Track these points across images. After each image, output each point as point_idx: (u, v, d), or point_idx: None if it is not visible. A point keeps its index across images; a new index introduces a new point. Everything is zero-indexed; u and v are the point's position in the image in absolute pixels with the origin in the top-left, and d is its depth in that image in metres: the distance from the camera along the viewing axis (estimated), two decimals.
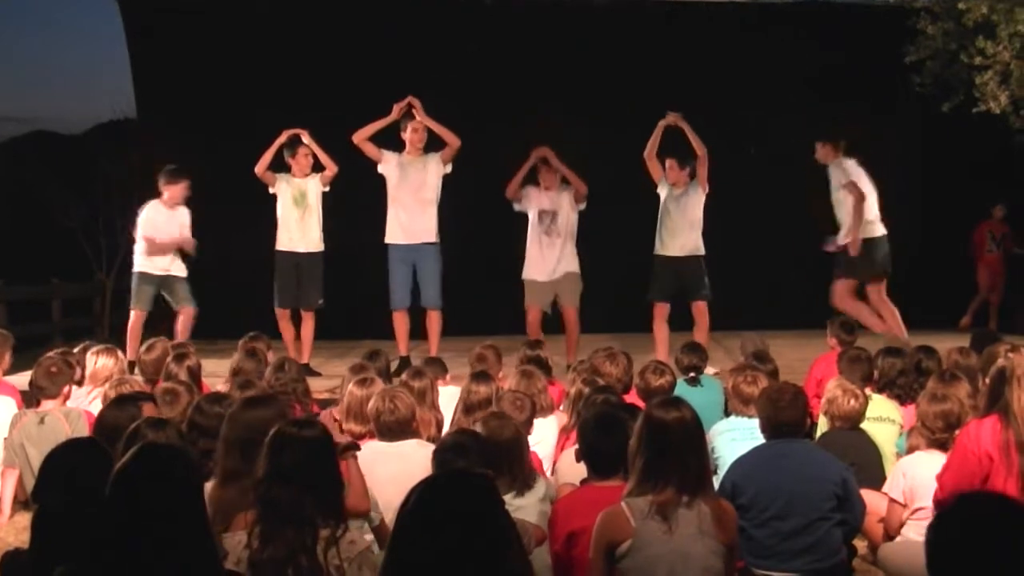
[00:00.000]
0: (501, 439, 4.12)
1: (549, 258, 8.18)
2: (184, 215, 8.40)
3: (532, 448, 4.64)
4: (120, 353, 6.35)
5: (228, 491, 3.47)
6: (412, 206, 8.03)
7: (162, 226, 8.31)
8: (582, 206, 8.21)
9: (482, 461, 3.78)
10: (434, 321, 8.14)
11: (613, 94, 10.92)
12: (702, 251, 8.12)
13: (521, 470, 4.13)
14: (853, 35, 11.00)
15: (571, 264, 8.24)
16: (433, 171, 8.06)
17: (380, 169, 8.11)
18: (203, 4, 11.24)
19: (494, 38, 11.09)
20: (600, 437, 3.76)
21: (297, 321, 8.36)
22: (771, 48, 11.05)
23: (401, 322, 8.15)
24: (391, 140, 8.17)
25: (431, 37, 11.11)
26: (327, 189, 8.30)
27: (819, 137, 8.10)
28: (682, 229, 8.05)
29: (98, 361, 6.18)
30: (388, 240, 8.12)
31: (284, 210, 8.22)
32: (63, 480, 3.20)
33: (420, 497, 2.26)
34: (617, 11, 11.35)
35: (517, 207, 8.28)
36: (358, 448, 4.17)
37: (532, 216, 8.23)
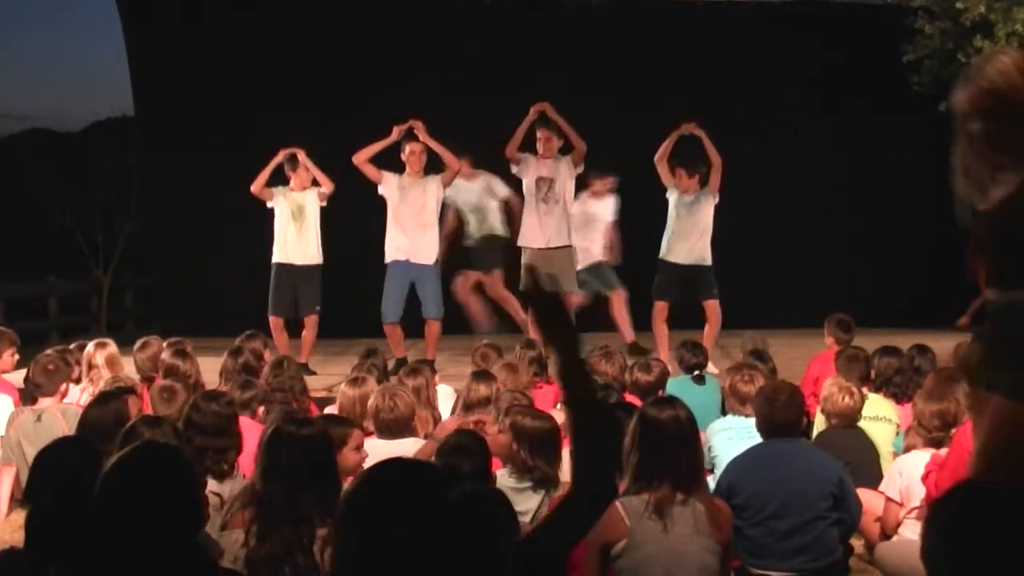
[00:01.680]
0: (532, 429, 4.03)
1: (547, 225, 8.10)
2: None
3: None
4: (115, 349, 6.32)
5: None
6: (413, 229, 8.00)
7: None
8: (580, 168, 8.14)
9: (484, 462, 3.77)
10: (433, 331, 8.12)
11: (612, 94, 10.92)
12: (708, 261, 8.12)
13: (544, 464, 4.00)
14: (852, 35, 11.00)
15: (567, 236, 8.18)
16: (433, 194, 8.03)
17: (380, 191, 8.07)
18: (202, 3, 11.23)
19: (494, 38, 11.08)
20: None
21: (298, 327, 8.30)
22: (771, 48, 11.04)
23: (393, 332, 8.12)
24: (393, 161, 8.15)
25: (431, 37, 11.10)
26: (324, 204, 8.26)
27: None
28: (691, 235, 8.06)
29: (95, 357, 6.17)
30: (388, 260, 8.09)
31: (281, 223, 8.16)
32: (55, 478, 3.19)
33: (356, 487, 2.09)
34: (616, 11, 11.35)
35: (514, 170, 8.20)
36: None
37: (529, 183, 8.15)
